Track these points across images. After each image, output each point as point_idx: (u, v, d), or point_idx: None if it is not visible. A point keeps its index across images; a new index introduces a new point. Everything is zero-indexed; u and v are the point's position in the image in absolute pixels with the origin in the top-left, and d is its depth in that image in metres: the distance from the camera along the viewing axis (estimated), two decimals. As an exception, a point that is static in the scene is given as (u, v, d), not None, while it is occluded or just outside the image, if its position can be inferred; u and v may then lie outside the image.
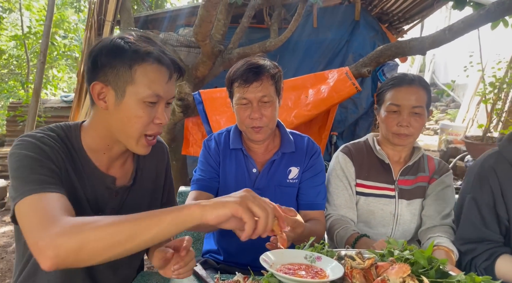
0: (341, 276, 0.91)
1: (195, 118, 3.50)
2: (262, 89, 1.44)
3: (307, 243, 1.08)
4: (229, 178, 1.58)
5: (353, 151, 1.66)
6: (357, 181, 1.62)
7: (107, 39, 1.08)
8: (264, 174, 1.56)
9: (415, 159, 1.60)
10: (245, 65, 1.47)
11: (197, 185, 1.60)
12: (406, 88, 1.53)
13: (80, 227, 0.82)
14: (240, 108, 1.48)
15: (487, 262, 1.29)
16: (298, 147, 1.61)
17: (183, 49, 4.08)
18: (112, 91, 1.05)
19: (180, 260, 1.06)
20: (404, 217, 1.57)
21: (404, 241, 1.07)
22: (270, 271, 0.90)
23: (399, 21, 5.86)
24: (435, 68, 13.55)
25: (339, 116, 4.80)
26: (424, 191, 1.60)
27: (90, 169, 1.13)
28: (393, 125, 1.53)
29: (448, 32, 2.67)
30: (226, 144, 1.62)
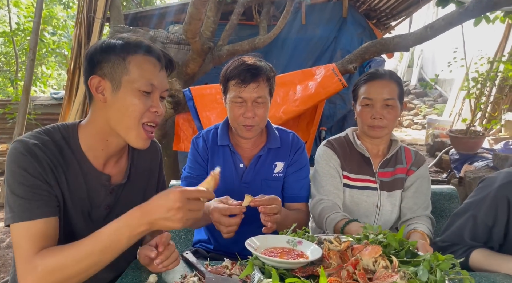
0: (320, 257, 0.99)
1: (185, 114, 3.56)
2: (258, 90, 1.50)
3: (289, 229, 1.16)
4: None
5: (336, 145, 1.74)
6: (343, 173, 1.70)
7: (100, 41, 1.16)
8: (250, 169, 1.63)
9: (393, 151, 1.69)
10: (244, 65, 1.52)
11: (186, 182, 1.67)
12: (377, 82, 1.62)
13: (51, 273, 1.00)
14: (234, 106, 1.54)
15: (462, 255, 1.34)
16: (283, 142, 1.68)
17: (173, 46, 4.12)
18: (108, 83, 1.11)
19: (160, 255, 1.13)
20: (386, 208, 1.65)
21: (379, 225, 1.16)
22: (254, 254, 0.98)
23: (386, 18, 5.96)
24: (423, 63, 13.72)
25: (327, 112, 4.89)
26: (402, 182, 1.68)
27: (87, 168, 1.18)
28: (367, 118, 1.62)
29: (430, 30, 2.77)
30: (214, 141, 1.68)
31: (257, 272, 0.95)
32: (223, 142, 1.65)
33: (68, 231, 1.17)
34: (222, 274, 1.21)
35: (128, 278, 1.21)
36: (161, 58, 1.17)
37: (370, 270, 0.95)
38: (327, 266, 0.98)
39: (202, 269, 1.22)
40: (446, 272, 0.93)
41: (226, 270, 1.23)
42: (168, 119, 3.64)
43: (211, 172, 1.10)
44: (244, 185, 1.61)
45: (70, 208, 1.15)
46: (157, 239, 1.17)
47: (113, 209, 1.26)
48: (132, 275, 1.23)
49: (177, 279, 1.20)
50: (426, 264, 0.92)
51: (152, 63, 1.15)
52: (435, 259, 0.93)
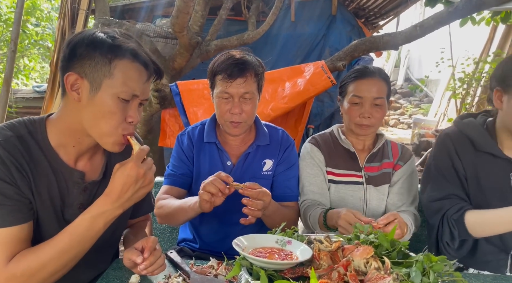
0: (309, 258, 0.96)
1: (172, 110, 3.49)
2: (245, 86, 1.45)
3: (278, 228, 1.13)
4: (203, 171, 1.59)
5: (320, 141, 1.72)
6: (327, 169, 1.68)
7: (90, 31, 1.06)
8: (239, 167, 1.58)
9: (378, 145, 1.68)
10: (231, 59, 1.47)
11: (169, 180, 1.62)
12: (367, 80, 1.60)
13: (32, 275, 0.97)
14: (221, 101, 1.49)
15: (457, 214, 1.39)
16: (272, 139, 1.64)
17: (160, 40, 4.04)
18: (87, 83, 1.03)
19: (145, 260, 1.07)
20: (373, 202, 1.64)
21: (370, 225, 1.13)
22: (242, 254, 0.94)
23: (375, 17, 5.98)
24: (409, 63, 13.87)
25: (315, 110, 4.87)
26: (389, 176, 1.67)
27: (57, 164, 1.10)
28: (355, 116, 1.60)
29: (419, 29, 2.77)
30: (200, 138, 1.63)
31: (244, 273, 0.91)
32: (209, 139, 1.60)
33: (38, 231, 1.10)
34: (208, 274, 1.17)
35: (109, 278, 1.16)
36: (150, 67, 1.09)
37: (362, 271, 0.92)
38: (317, 267, 0.95)
39: (187, 269, 1.18)
40: (439, 274, 0.90)
41: (212, 270, 1.20)
42: (154, 114, 3.57)
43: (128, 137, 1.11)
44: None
45: (40, 208, 1.08)
46: (144, 243, 1.11)
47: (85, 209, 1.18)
48: (113, 275, 1.18)
49: (160, 279, 1.16)
50: (419, 266, 0.90)
51: (138, 72, 1.07)
52: (428, 261, 0.90)
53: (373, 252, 0.94)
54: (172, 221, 1.52)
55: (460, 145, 1.46)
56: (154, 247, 1.11)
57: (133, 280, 1.13)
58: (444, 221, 1.43)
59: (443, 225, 1.44)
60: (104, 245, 1.21)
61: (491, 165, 1.42)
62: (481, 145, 1.43)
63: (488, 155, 1.42)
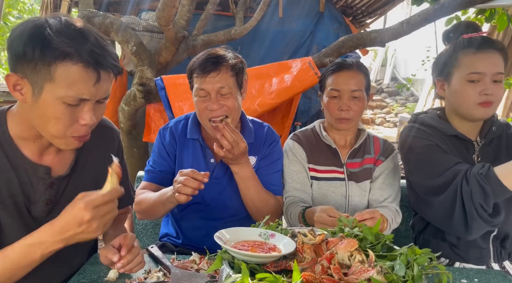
0: (293, 251, 0.94)
1: (157, 104, 3.44)
2: (220, 80, 1.40)
3: (262, 222, 1.10)
4: (185, 168, 1.55)
5: (302, 137, 1.70)
6: (309, 165, 1.66)
7: (30, 23, 0.94)
8: (222, 164, 1.55)
9: (360, 141, 1.66)
10: (205, 55, 1.44)
11: (148, 176, 1.59)
12: (345, 73, 1.59)
13: None
14: (199, 100, 1.45)
15: (484, 169, 1.27)
16: (257, 136, 1.61)
17: (146, 34, 3.97)
18: (28, 85, 0.94)
19: (123, 258, 1.04)
20: (354, 198, 1.63)
21: (355, 218, 1.11)
22: (223, 247, 0.91)
23: (362, 15, 6.01)
24: (396, 63, 14.01)
25: (302, 107, 4.87)
26: (371, 172, 1.66)
27: (19, 159, 1.04)
28: (334, 110, 1.59)
29: (406, 25, 2.77)
30: (183, 133, 1.58)
31: (226, 266, 0.88)
32: (192, 135, 1.56)
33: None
34: (189, 269, 1.14)
35: (86, 273, 1.13)
36: (101, 67, 0.96)
37: (346, 264, 0.90)
38: (301, 260, 0.93)
39: (167, 264, 1.15)
40: (423, 267, 0.89)
41: (193, 265, 1.17)
42: (138, 109, 3.51)
43: (109, 167, 0.98)
44: (215, 181, 1.54)
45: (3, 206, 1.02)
46: (121, 239, 1.07)
47: (56, 205, 1.12)
48: (91, 270, 1.14)
49: (140, 274, 1.13)
50: (403, 259, 0.88)
51: (85, 75, 0.93)
52: (412, 253, 0.89)
53: (358, 245, 0.93)
54: (152, 215, 1.49)
55: (429, 130, 1.48)
56: (132, 245, 1.07)
57: (112, 275, 1.10)
58: (469, 181, 1.27)
59: (469, 185, 1.26)
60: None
61: (458, 147, 1.46)
62: (445, 130, 1.46)
63: (453, 138, 1.46)
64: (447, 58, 1.44)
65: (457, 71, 1.40)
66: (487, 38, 1.39)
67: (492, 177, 1.23)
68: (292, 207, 1.57)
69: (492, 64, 1.35)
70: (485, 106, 1.36)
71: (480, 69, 1.34)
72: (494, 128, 1.46)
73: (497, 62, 1.36)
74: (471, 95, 1.37)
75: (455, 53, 1.41)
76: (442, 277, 0.87)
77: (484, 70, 1.34)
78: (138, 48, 3.35)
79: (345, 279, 0.83)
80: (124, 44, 3.42)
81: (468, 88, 1.37)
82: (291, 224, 1.58)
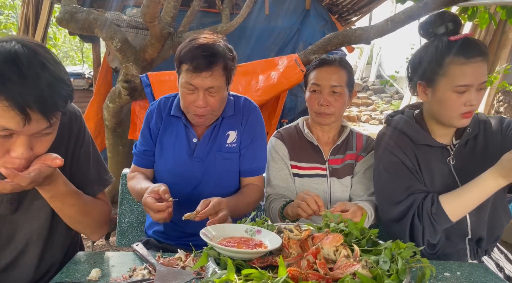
0: (279, 247, 0.94)
1: (142, 101, 3.40)
2: (211, 80, 1.36)
3: (248, 218, 1.10)
4: (167, 147, 1.55)
5: (285, 135, 1.71)
6: (291, 162, 1.67)
7: None
8: (204, 142, 1.53)
9: (342, 137, 1.68)
10: (200, 49, 1.36)
11: (134, 159, 1.62)
12: (326, 68, 1.61)
13: None
14: (185, 92, 1.41)
15: (434, 206, 1.32)
16: (236, 108, 1.57)
17: (131, 31, 3.92)
18: None
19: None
20: (336, 194, 1.64)
21: (340, 214, 1.12)
22: (209, 243, 0.91)
23: (348, 13, 6.03)
24: (381, 60, 14.16)
25: (289, 104, 4.88)
26: (352, 168, 1.67)
27: None
28: (314, 104, 1.60)
29: (390, 23, 2.80)
30: (170, 110, 1.57)
31: (211, 263, 0.88)
32: (176, 112, 1.54)
33: None
34: (175, 267, 1.13)
35: (69, 271, 1.11)
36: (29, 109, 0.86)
37: (331, 259, 0.91)
38: (287, 256, 0.93)
39: (153, 262, 1.14)
40: (407, 261, 0.90)
41: (179, 262, 1.16)
42: (123, 106, 3.47)
43: None
44: (196, 160, 1.52)
45: None
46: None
47: (22, 202, 1.12)
48: (74, 268, 1.13)
49: (125, 272, 1.11)
50: (388, 253, 0.89)
51: (8, 113, 0.85)
52: (396, 248, 0.90)
53: (343, 240, 0.93)
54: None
55: (399, 140, 1.46)
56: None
57: (94, 274, 1.09)
58: (422, 219, 1.34)
59: (422, 222, 1.34)
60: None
61: (429, 155, 1.44)
62: (416, 138, 1.44)
63: (425, 146, 1.44)
64: (431, 62, 1.35)
65: (443, 79, 1.32)
66: (474, 43, 1.32)
67: (442, 214, 1.32)
68: (273, 203, 1.58)
69: (479, 74, 1.30)
70: (467, 117, 1.34)
71: (468, 81, 1.29)
72: (468, 129, 1.43)
73: (483, 71, 1.31)
74: (456, 105, 1.33)
75: (440, 58, 1.33)
76: (426, 270, 0.88)
77: (472, 82, 1.29)
78: (123, 45, 3.31)
79: (330, 273, 0.83)
80: (109, 40, 3.37)
81: (453, 98, 1.32)
82: (272, 220, 1.58)
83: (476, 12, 3.60)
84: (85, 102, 4.78)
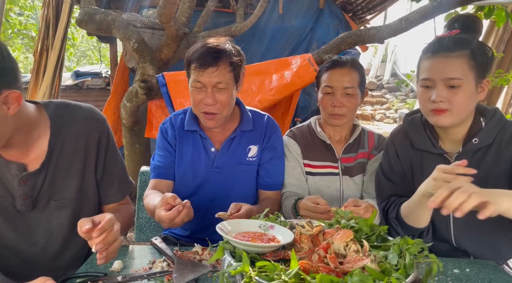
0: (291, 241, 0.98)
1: (158, 101, 3.48)
2: (217, 75, 1.41)
3: (262, 214, 1.15)
4: (186, 159, 1.59)
5: (297, 134, 1.75)
6: (304, 161, 1.70)
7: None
8: (223, 153, 1.58)
9: (354, 136, 1.71)
10: (205, 47, 1.42)
11: (155, 173, 1.60)
12: (338, 70, 1.64)
13: None
14: (194, 91, 1.46)
15: (394, 211, 1.40)
16: (257, 124, 1.63)
17: (147, 31, 4.00)
18: None
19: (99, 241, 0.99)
20: (348, 192, 1.67)
21: (351, 211, 1.16)
22: (225, 238, 0.96)
23: (362, 11, 6.01)
24: (396, 59, 14.00)
25: (302, 103, 4.90)
26: (364, 166, 1.71)
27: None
28: (328, 106, 1.64)
29: (404, 22, 2.80)
30: (182, 126, 1.61)
31: (227, 256, 0.93)
32: (190, 127, 1.58)
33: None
34: (192, 260, 1.18)
35: (93, 263, 1.18)
36: None
37: (341, 254, 0.95)
38: (299, 250, 0.97)
39: (171, 255, 1.19)
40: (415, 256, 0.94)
41: (196, 256, 1.21)
42: (140, 105, 3.55)
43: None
44: (216, 170, 1.57)
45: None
46: (101, 217, 1.04)
47: (37, 199, 1.20)
48: (97, 261, 1.19)
49: (145, 265, 1.17)
50: (396, 248, 0.93)
51: None
52: (404, 243, 0.94)
53: (353, 236, 0.97)
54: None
55: (400, 144, 1.49)
56: (106, 228, 1.01)
57: (116, 266, 1.15)
58: (389, 222, 1.42)
59: (389, 225, 1.38)
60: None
61: (427, 161, 1.42)
62: (416, 142, 1.45)
63: (424, 152, 1.43)
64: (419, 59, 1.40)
65: (419, 75, 1.36)
66: (452, 39, 1.29)
67: (400, 219, 1.36)
68: (286, 201, 1.62)
69: (443, 69, 1.26)
70: (436, 114, 1.30)
71: (428, 75, 1.29)
72: (475, 140, 1.33)
73: (452, 67, 1.25)
74: (422, 101, 1.33)
75: (421, 54, 1.37)
76: (433, 265, 0.91)
77: (433, 76, 1.28)
78: (139, 45, 3.39)
79: (340, 267, 0.87)
80: (126, 41, 3.45)
81: (420, 93, 1.33)
82: (286, 217, 1.62)
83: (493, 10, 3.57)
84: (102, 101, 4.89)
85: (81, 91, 6.60)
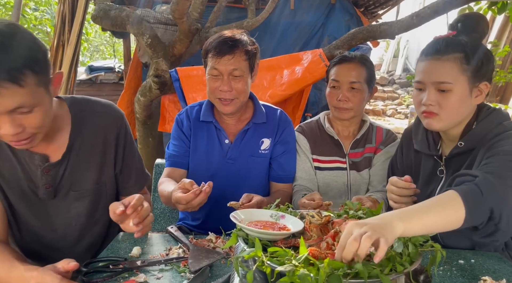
0: (301, 230, 1.03)
1: (171, 95, 3.54)
2: (234, 62, 1.48)
3: (273, 204, 1.20)
4: (200, 149, 1.65)
5: (306, 129, 1.80)
6: (313, 156, 1.75)
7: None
8: (236, 144, 1.63)
9: (362, 132, 1.75)
10: (222, 37, 1.51)
11: (170, 161, 1.66)
12: (345, 65, 1.68)
13: None
14: (211, 78, 1.53)
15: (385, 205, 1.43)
16: (270, 118, 1.68)
17: (160, 27, 4.06)
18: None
19: (135, 216, 1.14)
20: (356, 187, 1.71)
21: (359, 202, 1.20)
22: (239, 225, 1.01)
23: (374, 6, 5.98)
24: (408, 54, 13.86)
25: (313, 98, 4.93)
26: (370, 161, 1.75)
27: (16, 149, 1.18)
28: (333, 99, 1.69)
29: (416, 18, 2.81)
30: (197, 117, 1.67)
31: (241, 242, 0.98)
32: (206, 118, 1.63)
33: (12, 212, 1.25)
34: (207, 247, 1.24)
35: (113, 249, 1.24)
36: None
37: (349, 242, 0.99)
38: (308, 238, 1.02)
39: (186, 242, 1.25)
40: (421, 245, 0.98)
41: (210, 243, 1.27)
42: (153, 100, 3.62)
43: None
44: (229, 162, 1.63)
45: (6, 188, 1.21)
46: (131, 198, 1.16)
47: (58, 188, 1.28)
48: (117, 246, 1.26)
49: (162, 251, 1.23)
50: (402, 238, 0.97)
51: None
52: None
53: (360, 225, 1.01)
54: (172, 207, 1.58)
55: (406, 143, 1.53)
56: (138, 205, 1.15)
57: (135, 251, 1.21)
58: None
59: None
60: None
61: (422, 161, 1.44)
62: (416, 143, 1.46)
63: (422, 152, 1.44)
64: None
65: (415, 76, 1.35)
66: (445, 41, 1.27)
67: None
68: (296, 195, 1.67)
69: (432, 72, 1.25)
70: (426, 117, 1.29)
71: (419, 77, 1.29)
72: (460, 144, 1.30)
73: (444, 71, 1.23)
74: (416, 103, 1.34)
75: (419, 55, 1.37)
76: (436, 254, 0.96)
77: (423, 79, 1.28)
78: (153, 41, 3.45)
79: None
80: (139, 36, 3.52)
81: (415, 96, 1.34)
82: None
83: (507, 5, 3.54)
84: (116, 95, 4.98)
85: (94, 85, 6.73)
